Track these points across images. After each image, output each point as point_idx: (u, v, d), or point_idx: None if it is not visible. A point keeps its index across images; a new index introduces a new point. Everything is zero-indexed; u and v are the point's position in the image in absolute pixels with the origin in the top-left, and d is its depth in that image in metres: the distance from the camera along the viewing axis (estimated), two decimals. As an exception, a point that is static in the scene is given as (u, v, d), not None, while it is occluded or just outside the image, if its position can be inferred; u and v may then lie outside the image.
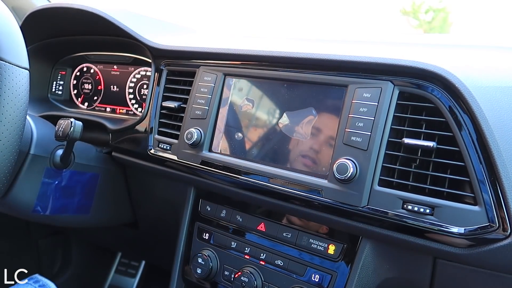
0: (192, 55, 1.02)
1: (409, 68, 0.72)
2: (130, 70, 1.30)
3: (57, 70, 1.42)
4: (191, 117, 0.96)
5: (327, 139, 0.80)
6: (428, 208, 0.69)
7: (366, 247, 0.79)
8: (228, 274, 0.93)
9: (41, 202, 1.02)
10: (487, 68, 0.75)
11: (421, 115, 0.73)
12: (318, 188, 0.78)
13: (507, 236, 0.63)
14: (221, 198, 1.00)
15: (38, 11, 1.22)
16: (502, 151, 0.64)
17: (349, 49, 0.91)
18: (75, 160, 1.08)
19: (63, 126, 0.92)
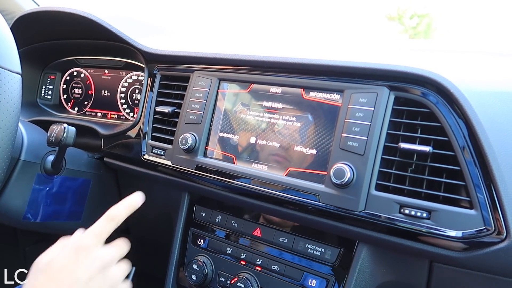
0: (186, 60, 1.02)
1: (405, 74, 0.73)
2: (122, 74, 1.29)
3: (46, 75, 1.40)
4: (185, 122, 0.96)
5: (323, 144, 0.80)
6: (425, 212, 0.69)
7: (363, 252, 0.80)
8: (224, 280, 0.93)
9: (32, 209, 1.00)
10: (480, 73, 0.76)
11: (416, 120, 0.74)
12: (315, 193, 0.78)
13: (502, 239, 0.64)
14: (216, 204, 0.99)
15: (27, 15, 1.20)
16: (497, 155, 0.65)
17: (342, 54, 0.92)
18: (66, 166, 1.06)
19: (55, 131, 0.91)
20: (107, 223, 0.71)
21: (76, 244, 0.66)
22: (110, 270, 0.67)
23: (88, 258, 0.65)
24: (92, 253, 0.66)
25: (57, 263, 0.64)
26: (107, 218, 0.71)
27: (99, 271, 0.65)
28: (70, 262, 0.64)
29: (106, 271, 0.66)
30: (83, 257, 0.65)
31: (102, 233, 0.69)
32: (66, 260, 0.64)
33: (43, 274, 0.64)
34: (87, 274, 0.63)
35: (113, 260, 0.68)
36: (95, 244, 0.67)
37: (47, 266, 0.64)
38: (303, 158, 0.82)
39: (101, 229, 0.70)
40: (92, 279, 0.64)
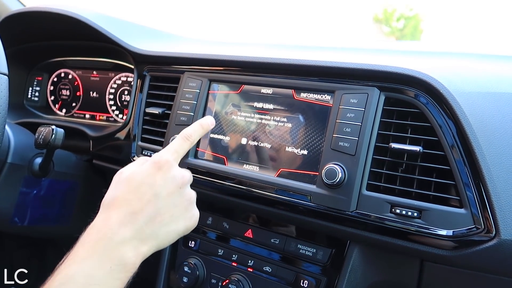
0: (176, 61, 1.01)
1: (395, 74, 0.74)
2: (111, 75, 1.27)
3: (33, 76, 1.38)
4: (176, 123, 0.95)
5: (315, 145, 0.80)
6: (416, 211, 0.70)
7: (354, 252, 0.80)
8: (216, 282, 0.92)
9: (19, 212, 0.98)
10: (468, 74, 0.77)
11: (406, 120, 0.74)
12: (307, 193, 0.78)
13: (492, 237, 0.65)
14: (207, 205, 0.98)
15: (13, 16, 1.19)
16: (486, 155, 0.66)
17: (332, 55, 0.92)
18: (54, 168, 1.05)
19: (43, 133, 0.89)
20: (183, 141, 0.72)
21: (156, 160, 0.66)
22: (186, 190, 0.67)
23: (167, 174, 0.65)
24: (172, 169, 0.66)
25: (138, 176, 0.64)
26: (183, 137, 0.72)
27: (177, 188, 0.65)
28: (150, 176, 0.64)
29: (183, 189, 0.66)
30: (163, 172, 0.65)
31: (179, 150, 0.70)
32: (147, 174, 0.64)
33: (124, 185, 0.64)
34: (166, 189, 0.64)
35: (189, 181, 0.69)
36: (174, 161, 0.68)
37: (128, 179, 0.64)
38: (294, 158, 0.82)
39: (178, 147, 0.70)
40: (170, 195, 0.64)
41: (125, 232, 0.59)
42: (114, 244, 0.58)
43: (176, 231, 0.65)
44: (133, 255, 0.59)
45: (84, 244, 0.58)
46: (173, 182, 0.65)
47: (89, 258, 0.56)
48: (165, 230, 0.63)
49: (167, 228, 0.63)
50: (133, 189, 0.63)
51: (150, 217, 0.61)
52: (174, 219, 0.64)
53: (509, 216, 0.64)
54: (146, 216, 0.61)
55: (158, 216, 0.62)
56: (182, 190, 0.66)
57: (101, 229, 0.59)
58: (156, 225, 0.62)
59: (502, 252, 0.65)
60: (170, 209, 0.64)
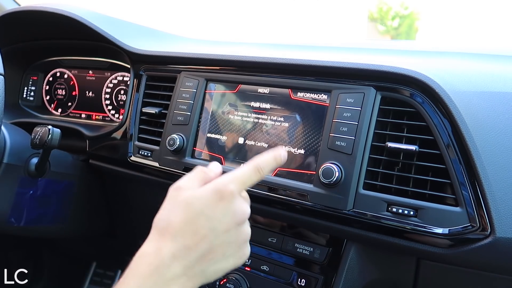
0: (173, 60, 1.01)
1: (391, 74, 0.74)
2: (107, 75, 1.27)
3: (28, 76, 1.38)
4: (172, 123, 0.95)
5: (312, 144, 0.80)
6: (412, 210, 0.70)
7: (351, 250, 0.80)
8: (213, 282, 0.92)
9: (15, 213, 0.98)
10: (463, 74, 0.78)
11: (402, 119, 0.75)
12: (304, 192, 0.78)
13: (487, 235, 0.66)
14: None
15: (8, 15, 1.18)
16: (481, 154, 0.67)
17: (328, 55, 0.93)
18: (50, 169, 1.04)
19: (40, 133, 0.89)
20: (253, 173, 0.63)
21: (220, 189, 0.59)
22: (243, 227, 0.62)
23: (229, 207, 0.59)
24: (234, 202, 0.60)
25: (197, 203, 0.59)
26: (254, 168, 0.64)
27: (235, 225, 0.60)
28: (210, 207, 0.59)
29: (241, 226, 0.61)
30: (225, 204, 0.59)
31: (247, 182, 0.63)
32: (207, 203, 0.59)
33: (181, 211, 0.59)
34: (224, 224, 0.59)
35: (248, 216, 0.63)
36: (239, 193, 0.61)
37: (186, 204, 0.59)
38: (291, 158, 0.82)
39: (247, 178, 0.63)
40: (227, 231, 0.59)
41: (176, 268, 0.56)
42: (165, 281, 0.56)
43: (224, 269, 0.61)
44: None
45: (135, 275, 0.56)
46: (233, 217, 0.60)
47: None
48: (214, 268, 0.60)
49: (216, 267, 0.60)
50: (190, 219, 0.58)
51: (203, 254, 0.58)
52: (226, 257, 0.60)
53: (504, 215, 0.65)
54: (199, 252, 0.58)
55: (210, 254, 0.58)
56: (240, 227, 0.61)
57: (153, 262, 0.56)
58: (206, 263, 0.58)
59: (497, 250, 0.65)
60: (223, 246, 0.59)
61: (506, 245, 0.65)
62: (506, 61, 0.88)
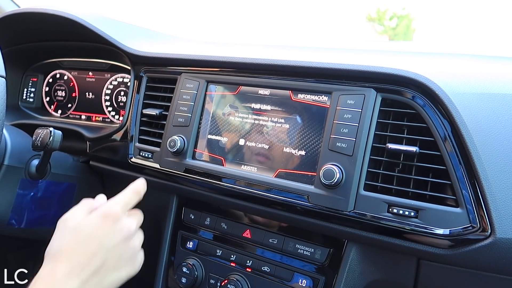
0: (173, 62, 1.01)
1: (391, 76, 0.75)
2: (107, 76, 1.27)
3: (28, 77, 1.38)
4: (173, 125, 0.95)
5: (312, 145, 0.81)
6: (413, 211, 0.71)
7: (352, 251, 0.81)
8: (214, 283, 0.93)
9: (16, 214, 0.98)
10: (463, 75, 0.78)
11: (403, 120, 0.75)
12: (305, 193, 0.79)
13: (487, 236, 0.66)
14: (205, 206, 0.99)
15: (8, 17, 1.18)
16: (481, 155, 0.67)
17: (329, 56, 0.93)
18: (51, 170, 1.04)
19: (41, 135, 0.89)
20: (133, 195, 0.73)
21: (105, 212, 0.68)
22: (131, 240, 0.70)
23: (115, 226, 0.67)
24: (119, 222, 0.68)
25: (85, 228, 0.66)
26: (133, 191, 0.74)
27: (123, 240, 0.68)
28: (98, 229, 0.66)
29: (128, 240, 0.69)
30: (110, 225, 0.67)
31: (128, 204, 0.72)
32: (94, 226, 0.66)
33: (71, 237, 0.65)
34: (112, 241, 0.66)
35: (136, 230, 0.71)
36: (123, 213, 0.69)
37: (75, 230, 0.66)
38: (292, 159, 0.82)
39: (127, 200, 0.72)
40: (117, 246, 0.67)
41: (73, 284, 0.61)
42: None
43: (119, 278, 0.68)
44: None
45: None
46: (120, 233, 0.67)
47: None
48: (109, 279, 0.66)
49: (111, 277, 0.66)
50: (81, 241, 0.65)
51: (96, 269, 0.64)
52: (118, 269, 0.68)
53: (504, 215, 0.65)
54: (92, 268, 0.63)
55: (103, 268, 0.65)
56: (127, 240, 0.69)
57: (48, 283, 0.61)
58: (101, 275, 0.65)
59: (497, 250, 0.66)
60: (115, 259, 0.67)
61: (506, 246, 0.65)
62: (506, 63, 0.89)
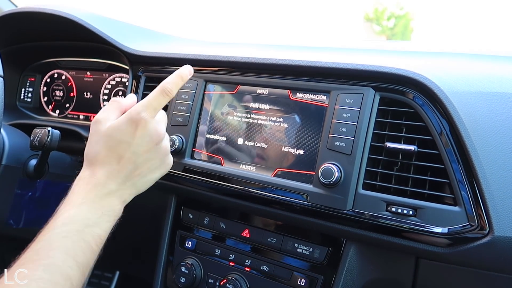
0: (171, 61, 1.01)
1: (390, 75, 0.75)
2: (105, 76, 1.27)
3: (26, 77, 1.37)
4: (172, 124, 0.95)
5: (311, 145, 0.81)
6: (411, 209, 0.71)
7: (350, 250, 0.81)
8: (213, 282, 0.92)
9: (14, 214, 0.98)
10: (461, 74, 0.79)
11: (401, 119, 0.76)
12: (304, 192, 0.79)
13: (485, 234, 0.66)
14: (203, 205, 0.99)
15: (5, 16, 1.18)
16: (479, 153, 0.68)
17: (327, 55, 0.93)
18: (49, 170, 1.04)
19: (39, 135, 0.89)
20: (162, 96, 0.72)
21: (133, 118, 0.69)
22: (161, 144, 0.73)
23: (144, 132, 0.69)
24: (148, 126, 0.69)
25: (116, 133, 0.69)
26: (162, 92, 0.72)
27: (153, 145, 0.71)
28: (128, 135, 0.68)
29: (159, 145, 0.72)
30: (140, 130, 0.69)
31: (156, 106, 0.72)
32: (124, 132, 0.69)
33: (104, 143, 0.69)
34: (144, 147, 0.70)
35: (164, 134, 0.73)
36: (151, 117, 0.70)
37: (107, 136, 0.69)
38: (291, 158, 0.82)
39: (156, 102, 0.71)
40: (147, 152, 0.70)
41: (111, 185, 0.68)
42: (103, 194, 0.67)
43: (153, 180, 0.74)
44: (118, 203, 0.69)
45: (78, 193, 0.66)
46: (150, 139, 0.70)
47: (84, 204, 0.65)
48: (143, 180, 0.72)
49: (145, 179, 0.72)
50: (113, 147, 0.69)
51: (130, 172, 0.70)
52: (151, 171, 0.73)
53: (502, 214, 0.66)
54: (127, 172, 0.69)
55: (137, 170, 0.70)
56: (158, 146, 0.72)
57: (90, 181, 0.67)
58: (135, 178, 0.70)
59: (495, 248, 0.66)
60: (147, 163, 0.71)
61: (505, 244, 0.65)
62: (504, 62, 0.89)
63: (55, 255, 0.58)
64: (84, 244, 0.62)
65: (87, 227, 0.63)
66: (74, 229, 0.62)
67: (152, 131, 0.70)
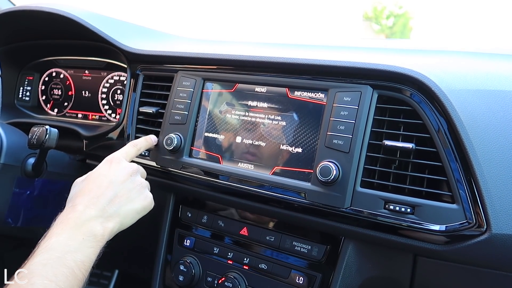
0: (170, 60, 1.01)
1: (388, 73, 0.75)
2: (103, 75, 1.27)
3: (24, 75, 1.37)
4: (170, 123, 0.95)
5: (309, 143, 0.81)
6: (409, 207, 0.71)
7: (349, 248, 0.81)
8: (211, 280, 0.93)
9: (12, 213, 0.98)
10: (459, 72, 0.79)
11: (399, 117, 0.76)
12: (302, 190, 0.79)
13: (483, 232, 0.66)
14: (202, 204, 0.99)
15: (3, 15, 1.17)
16: (477, 151, 0.68)
17: (325, 54, 0.93)
18: (47, 169, 1.04)
19: (37, 133, 0.89)
20: (131, 147, 0.87)
21: (108, 158, 0.81)
22: (136, 177, 0.80)
23: (119, 166, 0.79)
24: (122, 163, 0.80)
25: (94, 173, 0.78)
26: (131, 144, 0.88)
27: (128, 176, 0.78)
28: (104, 170, 0.78)
29: (133, 177, 0.80)
30: (115, 165, 0.79)
31: (128, 153, 0.85)
32: (101, 169, 0.79)
33: (84, 183, 0.76)
34: (119, 177, 0.77)
35: (137, 170, 0.82)
36: (123, 157, 0.82)
37: (86, 178, 0.78)
38: (289, 156, 0.82)
39: (127, 150, 0.86)
40: (124, 181, 0.77)
41: (91, 212, 0.70)
42: (83, 221, 0.69)
43: (135, 210, 0.77)
44: (101, 229, 0.70)
45: (57, 224, 0.68)
46: (124, 171, 0.79)
47: (63, 233, 0.66)
48: (124, 209, 0.75)
49: (126, 207, 0.76)
50: (92, 181, 0.76)
51: (110, 199, 0.74)
52: (131, 200, 0.77)
53: (499, 211, 0.66)
54: (106, 198, 0.73)
55: (116, 198, 0.75)
56: (133, 177, 0.79)
57: (69, 212, 0.70)
58: (116, 205, 0.74)
59: (493, 246, 0.66)
60: (125, 192, 0.77)
61: (502, 241, 0.66)
62: (501, 60, 0.89)
63: (36, 282, 0.59)
64: (66, 270, 0.62)
65: (67, 254, 0.64)
66: (54, 256, 0.62)
67: (126, 164, 0.80)
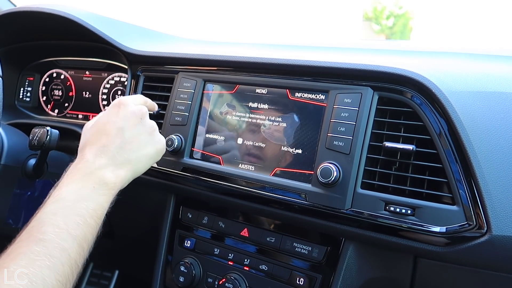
0: (170, 61, 1.01)
1: (388, 74, 0.75)
2: (104, 75, 1.27)
3: (25, 76, 1.37)
4: (170, 124, 0.95)
5: (309, 144, 0.81)
6: (409, 209, 0.71)
7: (349, 249, 0.81)
8: (212, 281, 0.93)
9: (13, 214, 0.98)
10: (459, 74, 0.79)
11: (400, 119, 0.76)
12: (302, 192, 0.79)
13: (483, 234, 0.66)
14: (202, 205, 0.99)
15: (4, 16, 1.17)
16: (477, 153, 0.68)
17: (326, 55, 0.93)
18: (48, 170, 1.04)
19: (38, 134, 0.89)
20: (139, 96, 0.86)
21: (114, 102, 0.77)
22: (146, 120, 0.77)
23: (127, 110, 0.75)
24: (129, 106, 0.76)
25: (102, 119, 0.75)
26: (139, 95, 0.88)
27: (138, 120, 0.75)
28: (112, 116, 0.74)
29: (143, 120, 0.76)
30: (123, 109, 0.75)
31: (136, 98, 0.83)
32: (109, 115, 0.75)
33: (92, 130, 0.74)
34: (128, 122, 0.74)
35: (146, 112, 0.79)
36: (131, 101, 0.78)
37: (94, 124, 0.75)
38: (289, 158, 0.83)
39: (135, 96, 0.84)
40: (134, 126, 0.74)
41: (100, 160, 0.68)
42: (93, 169, 0.67)
43: (147, 155, 0.75)
44: (112, 176, 0.68)
45: (67, 175, 0.67)
46: (133, 115, 0.75)
47: (74, 182, 0.65)
48: (136, 155, 0.73)
49: (137, 153, 0.73)
50: (100, 129, 0.72)
51: (120, 146, 0.71)
52: (142, 145, 0.74)
53: (500, 213, 0.66)
54: (116, 146, 0.71)
55: (127, 145, 0.72)
56: (143, 120, 0.76)
57: (78, 163, 0.69)
58: (127, 152, 0.71)
59: (493, 247, 0.66)
60: (136, 137, 0.74)
61: (503, 243, 0.66)
62: (502, 61, 0.89)
63: (47, 230, 0.58)
64: (77, 218, 0.61)
65: (78, 202, 0.63)
66: (64, 206, 0.62)
67: (134, 108, 0.76)
